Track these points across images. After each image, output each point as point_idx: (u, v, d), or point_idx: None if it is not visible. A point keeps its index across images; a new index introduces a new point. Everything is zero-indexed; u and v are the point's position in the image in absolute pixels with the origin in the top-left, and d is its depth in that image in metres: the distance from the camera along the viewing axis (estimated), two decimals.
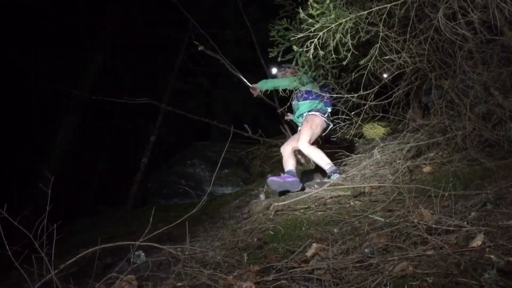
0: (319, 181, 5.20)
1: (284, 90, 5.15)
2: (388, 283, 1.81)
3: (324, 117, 5.02)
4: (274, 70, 5.64)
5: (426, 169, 3.94)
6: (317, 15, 4.30)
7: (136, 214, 6.58)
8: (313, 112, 5.03)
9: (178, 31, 10.47)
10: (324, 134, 5.13)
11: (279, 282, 2.13)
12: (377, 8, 3.84)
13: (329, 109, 5.16)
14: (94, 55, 9.01)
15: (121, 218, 6.28)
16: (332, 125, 5.10)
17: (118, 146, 11.41)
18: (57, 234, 2.53)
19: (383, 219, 2.71)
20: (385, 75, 4.56)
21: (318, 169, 5.87)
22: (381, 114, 5.49)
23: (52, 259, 2.35)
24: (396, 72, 4.32)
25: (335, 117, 5.40)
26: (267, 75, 6.81)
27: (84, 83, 8.66)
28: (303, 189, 4.77)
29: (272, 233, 3.13)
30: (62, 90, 7.55)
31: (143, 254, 3.38)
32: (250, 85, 5.28)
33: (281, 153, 5.15)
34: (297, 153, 5.19)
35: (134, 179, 8.70)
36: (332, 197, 3.85)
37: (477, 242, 1.94)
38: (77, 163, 10.36)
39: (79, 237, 5.41)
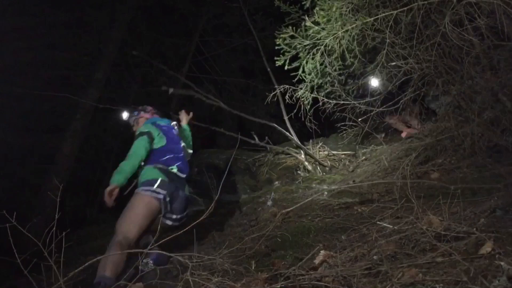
0: (326, 187, 5.17)
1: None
2: None
3: (148, 192, 3.48)
4: (124, 115, 4.38)
5: (434, 175, 3.92)
6: (323, 22, 4.32)
7: None
8: (137, 190, 3.58)
9: (184, 39, 10.56)
10: (164, 213, 3.56)
11: None
12: (384, 14, 3.85)
13: (175, 169, 3.71)
14: (101, 63, 9.08)
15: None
16: (164, 196, 3.49)
17: (126, 153, 11.47)
18: (66, 242, 2.54)
19: (391, 226, 2.70)
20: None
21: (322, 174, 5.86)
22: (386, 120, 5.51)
23: (61, 267, 2.35)
24: (403, 78, 4.32)
25: (342, 123, 5.40)
26: (274, 83, 6.82)
27: (91, 91, 8.72)
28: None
29: (280, 240, 3.13)
30: (69, 98, 7.61)
31: (151, 261, 3.38)
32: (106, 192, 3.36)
33: None
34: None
35: None
36: (339, 204, 3.84)
37: (486, 249, 1.93)
38: (85, 171, 10.41)
39: (87, 245, 5.42)
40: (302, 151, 6.71)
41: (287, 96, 5.18)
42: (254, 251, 2.99)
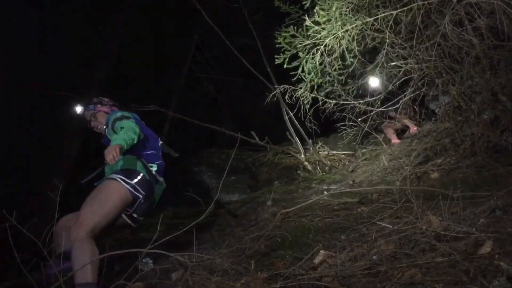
0: (326, 187, 5.18)
1: None
2: None
3: (129, 185, 3.06)
4: (79, 109, 4.05)
5: (434, 175, 3.92)
6: (324, 22, 4.32)
7: (143, 221, 6.59)
8: (111, 176, 3.11)
9: (184, 39, 10.55)
10: (130, 212, 3.22)
11: None
12: (383, 14, 3.85)
13: (154, 167, 3.32)
14: (101, 62, 9.07)
15: (129, 225, 6.30)
16: (142, 197, 3.14)
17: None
18: None
19: (391, 226, 2.70)
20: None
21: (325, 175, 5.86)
22: (388, 121, 5.53)
23: (61, 266, 2.36)
24: (403, 78, 4.32)
25: (342, 123, 5.40)
26: (273, 83, 6.82)
27: (92, 90, 8.71)
28: None
29: (280, 240, 3.13)
30: (69, 97, 7.61)
31: (150, 261, 3.38)
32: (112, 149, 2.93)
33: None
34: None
35: None
36: (339, 204, 3.84)
37: (486, 249, 1.93)
38: (85, 170, 10.40)
39: None
40: (302, 151, 6.71)
41: (287, 96, 5.18)
42: (253, 251, 2.99)
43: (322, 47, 4.35)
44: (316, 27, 4.35)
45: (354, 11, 4.22)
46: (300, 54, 5.01)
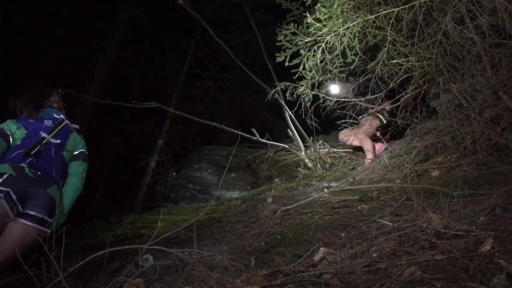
0: (326, 185, 5.19)
1: None
2: None
3: None
4: None
5: (435, 173, 3.92)
6: (325, 19, 4.32)
7: (143, 217, 6.60)
8: None
9: (185, 35, 10.53)
10: (23, 211, 2.93)
11: (286, 286, 2.12)
12: (385, 12, 3.84)
13: (25, 167, 3.08)
14: (102, 59, 9.07)
15: (128, 222, 6.31)
16: (9, 191, 2.87)
17: (126, 149, 11.46)
18: (66, 237, 2.54)
19: (391, 224, 2.70)
20: None
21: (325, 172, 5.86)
22: (389, 118, 5.52)
23: (61, 262, 2.36)
24: (404, 76, 4.32)
25: (343, 121, 5.39)
26: (274, 80, 6.81)
27: (92, 87, 8.71)
28: None
29: (280, 237, 3.13)
30: (70, 94, 7.60)
31: (151, 257, 3.39)
32: None
33: None
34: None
35: (142, 183, 8.72)
36: (339, 201, 3.84)
37: (486, 246, 1.93)
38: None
39: (87, 241, 5.43)
40: (302, 149, 6.70)
41: (287, 93, 5.18)
42: (253, 248, 2.99)
43: (323, 44, 4.35)
44: (317, 24, 4.35)
45: (355, 8, 4.22)
46: (301, 51, 5.01)
